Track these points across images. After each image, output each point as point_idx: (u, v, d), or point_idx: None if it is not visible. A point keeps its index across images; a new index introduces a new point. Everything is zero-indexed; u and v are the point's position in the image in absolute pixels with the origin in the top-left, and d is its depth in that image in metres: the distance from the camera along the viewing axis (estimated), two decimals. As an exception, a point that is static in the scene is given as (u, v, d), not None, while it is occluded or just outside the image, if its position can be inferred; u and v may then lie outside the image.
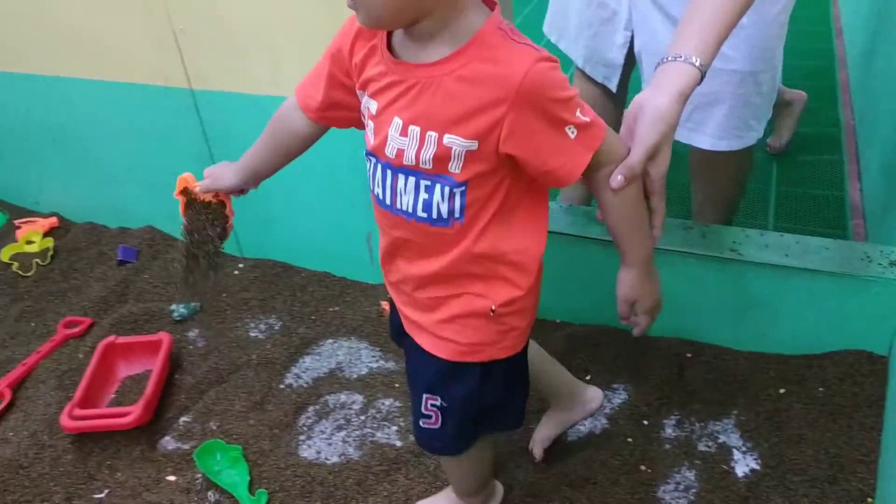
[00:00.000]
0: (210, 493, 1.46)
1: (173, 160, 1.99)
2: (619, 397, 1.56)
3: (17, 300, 2.04)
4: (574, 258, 1.66)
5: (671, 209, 2.11)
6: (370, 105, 0.96)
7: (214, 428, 1.59)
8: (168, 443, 1.58)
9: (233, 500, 1.45)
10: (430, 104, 0.89)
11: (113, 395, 1.70)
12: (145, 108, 1.93)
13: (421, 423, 1.12)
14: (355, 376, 1.69)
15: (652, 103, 0.98)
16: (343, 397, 1.64)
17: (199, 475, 1.49)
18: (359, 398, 1.64)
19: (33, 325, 1.95)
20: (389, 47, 0.94)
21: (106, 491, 1.49)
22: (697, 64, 1.00)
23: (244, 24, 1.68)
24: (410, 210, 0.96)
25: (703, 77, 1.02)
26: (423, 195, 0.94)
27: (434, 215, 0.95)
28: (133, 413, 1.54)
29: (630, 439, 1.47)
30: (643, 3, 1.53)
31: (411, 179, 0.94)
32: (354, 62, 0.98)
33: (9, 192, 2.42)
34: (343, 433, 1.56)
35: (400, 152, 0.92)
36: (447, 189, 0.92)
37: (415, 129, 0.90)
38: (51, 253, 2.16)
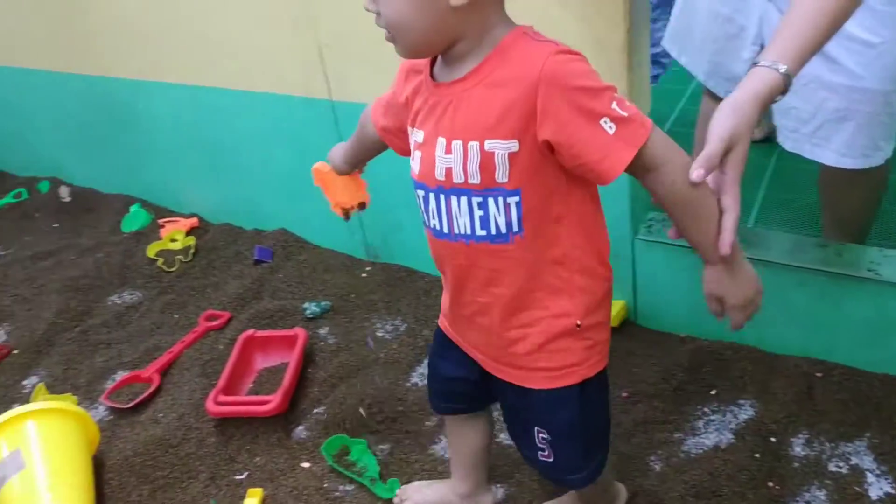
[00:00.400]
0: (340, 482, 1.54)
1: (308, 167, 2.11)
2: (746, 413, 1.55)
3: (161, 293, 2.20)
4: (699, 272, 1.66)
5: (803, 228, 2.09)
6: (417, 136, 1.01)
7: (344, 420, 1.67)
8: (301, 432, 1.67)
9: (363, 489, 1.52)
10: (465, 116, 0.94)
11: (251, 385, 1.80)
12: (287, 117, 2.05)
13: (540, 458, 1.14)
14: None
15: (729, 99, 0.97)
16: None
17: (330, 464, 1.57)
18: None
19: (177, 316, 2.09)
20: (432, 75, 1.00)
21: (246, 473, 1.59)
22: (782, 71, 0.98)
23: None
24: (469, 231, 0.99)
25: (787, 85, 0.99)
26: (478, 212, 0.97)
27: (493, 231, 0.97)
28: (273, 402, 1.63)
29: (757, 455, 1.46)
30: (777, 17, 1.53)
31: (464, 199, 0.97)
32: (405, 99, 1.05)
33: (154, 193, 2.61)
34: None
35: (448, 171, 0.96)
36: (500, 200, 0.95)
37: (457, 144, 0.94)
38: (192, 251, 2.31)
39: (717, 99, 1.76)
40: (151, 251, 2.34)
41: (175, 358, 1.92)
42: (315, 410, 1.71)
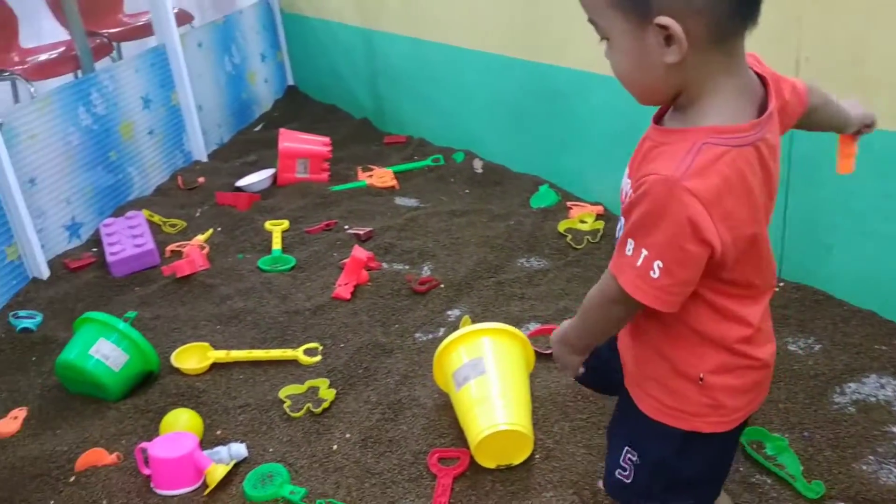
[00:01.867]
0: (757, 471, 1.58)
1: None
2: None
3: (567, 265, 2.39)
4: None
5: None
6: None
7: (757, 419, 1.71)
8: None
9: (782, 483, 1.54)
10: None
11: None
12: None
13: (616, 474, 1.17)
14: (905, 415, 1.69)
15: None
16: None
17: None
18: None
19: (583, 289, 2.24)
20: (661, 119, 1.03)
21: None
22: None
23: (877, 56, 1.78)
24: None
25: None
26: None
27: None
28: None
29: None
30: None
31: None
32: None
33: (563, 177, 2.83)
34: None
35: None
36: None
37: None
38: (600, 234, 2.48)
39: None
40: (561, 227, 2.54)
41: (586, 322, 2.08)
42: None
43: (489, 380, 1.67)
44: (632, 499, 1.20)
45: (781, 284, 2.14)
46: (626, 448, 1.16)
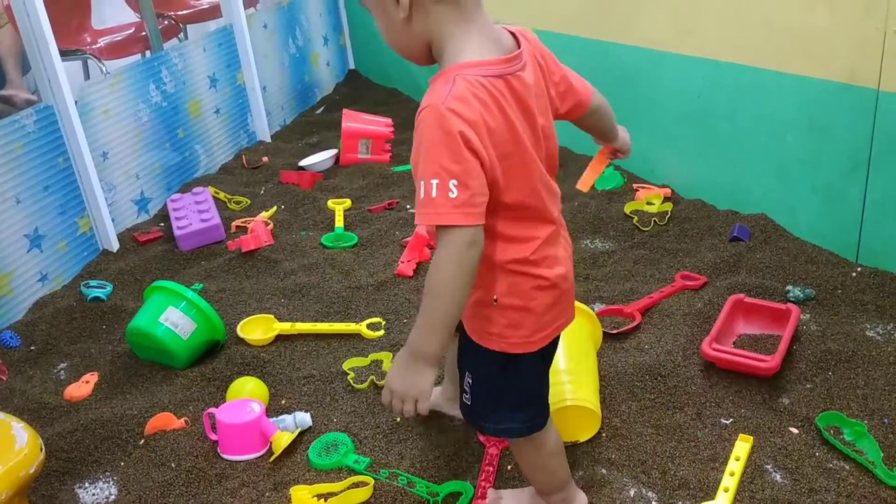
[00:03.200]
0: (835, 457, 1.52)
1: (821, 156, 2.10)
2: None
3: (634, 247, 2.34)
4: None
5: None
6: None
7: (832, 401, 1.65)
8: (785, 399, 1.68)
9: (861, 469, 1.49)
10: None
11: (731, 346, 1.85)
12: (816, 102, 2.06)
13: (463, 398, 1.30)
14: None
15: None
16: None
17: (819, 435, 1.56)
18: None
19: (650, 271, 2.21)
20: None
21: (731, 420, 1.64)
22: None
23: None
24: None
25: None
26: None
27: None
28: (771, 362, 1.66)
29: None
30: None
31: None
32: None
33: (628, 160, 2.75)
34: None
35: None
36: None
37: None
38: (668, 216, 2.43)
39: None
40: (628, 208, 2.49)
41: (654, 304, 2.03)
42: (803, 385, 1.71)
43: (557, 356, 1.64)
44: (474, 420, 1.33)
45: (859, 269, 2.07)
46: (466, 373, 1.28)
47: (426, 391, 1.13)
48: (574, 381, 1.60)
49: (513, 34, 1.19)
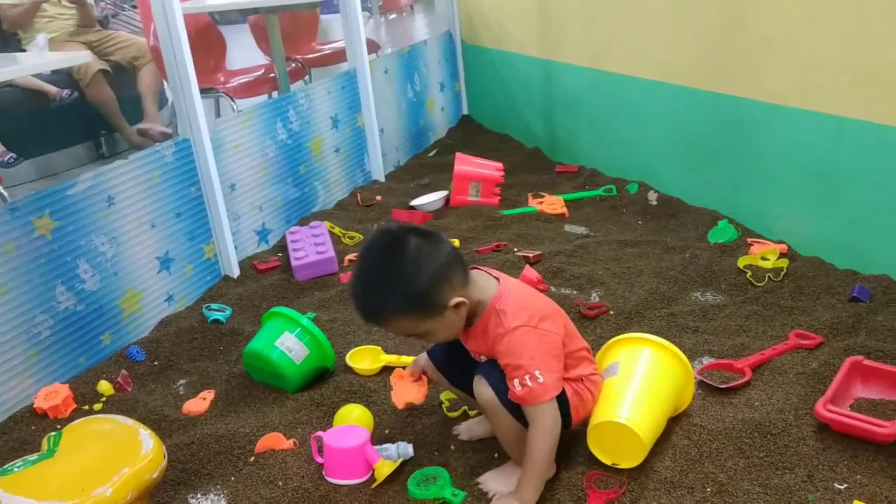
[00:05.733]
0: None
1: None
2: None
3: (746, 302, 2.29)
4: None
5: None
6: None
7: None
8: (906, 471, 1.60)
9: None
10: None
11: (847, 408, 1.78)
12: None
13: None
14: None
15: None
16: None
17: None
18: None
19: (762, 328, 2.16)
20: None
21: (845, 485, 1.57)
22: None
23: None
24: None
25: None
26: None
27: None
28: (891, 428, 1.59)
29: None
30: None
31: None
32: None
33: (744, 214, 2.73)
34: None
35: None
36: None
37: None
38: (783, 273, 2.36)
39: None
40: (741, 262, 2.45)
41: (765, 361, 1.98)
42: (926, 455, 1.62)
43: (623, 383, 1.68)
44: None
45: None
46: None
47: None
48: (635, 405, 1.63)
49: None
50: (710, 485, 1.59)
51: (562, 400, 1.58)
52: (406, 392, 1.91)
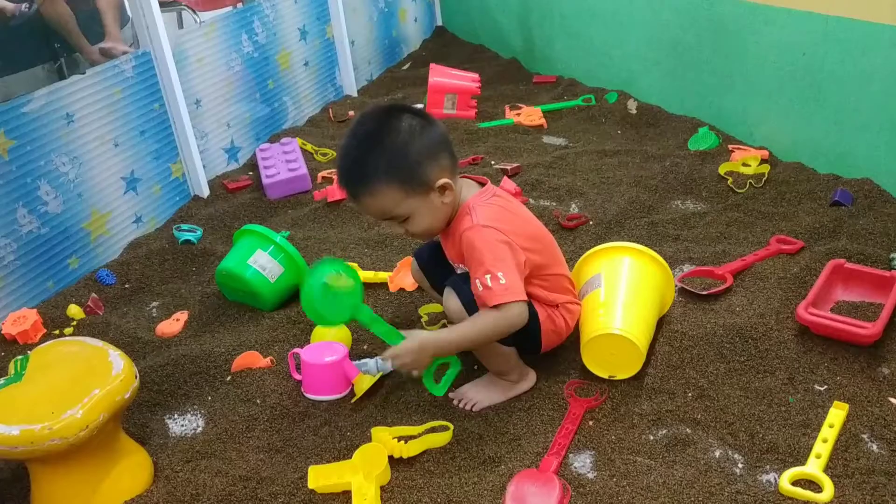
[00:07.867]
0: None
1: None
2: None
3: (727, 209, 2.26)
4: None
5: None
6: None
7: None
8: (884, 369, 1.59)
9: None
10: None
11: (829, 311, 1.77)
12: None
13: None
14: None
15: None
16: None
17: (927, 409, 1.48)
18: None
19: (743, 234, 2.13)
20: None
21: (825, 386, 1.57)
22: None
23: None
24: None
25: None
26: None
27: None
28: (872, 329, 1.58)
29: None
30: None
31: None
32: None
33: (726, 120, 2.67)
34: None
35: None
36: None
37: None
38: (765, 179, 2.33)
39: None
40: (722, 169, 2.41)
41: (747, 266, 1.96)
42: (905, 354, 1.62)
43: (607, 294, 1.67)
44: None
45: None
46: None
47: (424, 366, 1.51)
48: (626, 315, 1.61)
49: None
50: (691, 389, 1.58)
51: (534, 322, 1.55)
52: (401, 281, 2.00)
